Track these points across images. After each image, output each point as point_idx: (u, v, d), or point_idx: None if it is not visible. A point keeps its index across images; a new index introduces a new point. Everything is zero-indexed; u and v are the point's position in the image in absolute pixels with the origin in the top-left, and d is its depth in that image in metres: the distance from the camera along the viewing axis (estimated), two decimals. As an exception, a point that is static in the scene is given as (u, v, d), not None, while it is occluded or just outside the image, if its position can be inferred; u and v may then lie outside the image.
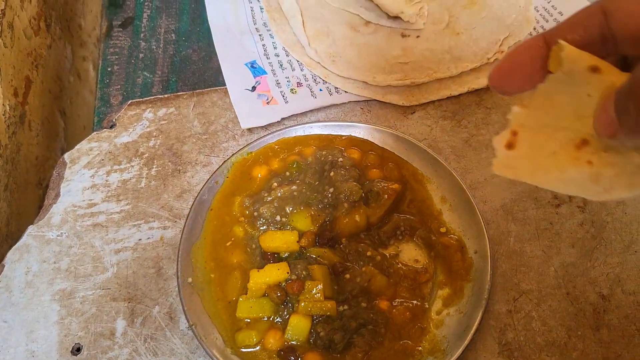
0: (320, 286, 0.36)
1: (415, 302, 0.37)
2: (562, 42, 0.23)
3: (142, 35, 0.52)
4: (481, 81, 0.46)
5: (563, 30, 0.24)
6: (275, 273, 0.37)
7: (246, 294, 0.37)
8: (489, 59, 0.47)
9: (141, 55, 0.51)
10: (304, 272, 0.37)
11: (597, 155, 0.23)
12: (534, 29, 0.50)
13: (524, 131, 0.25)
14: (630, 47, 0.24)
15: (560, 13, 0.50)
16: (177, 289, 0.37)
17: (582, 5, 0.24)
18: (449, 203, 0.40)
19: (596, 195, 0.24)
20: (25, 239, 0.41)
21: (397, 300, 0.37)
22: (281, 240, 0.38)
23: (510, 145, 0.24)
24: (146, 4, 0.54)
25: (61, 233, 0.41)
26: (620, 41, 0.24)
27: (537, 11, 0.51)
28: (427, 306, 0.37)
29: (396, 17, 0.49)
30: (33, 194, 0.49)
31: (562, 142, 0.24)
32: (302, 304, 0.36)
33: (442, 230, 0.39)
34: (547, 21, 0.50)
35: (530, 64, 0.25)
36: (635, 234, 0.39)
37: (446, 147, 0.44)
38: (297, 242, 0.38)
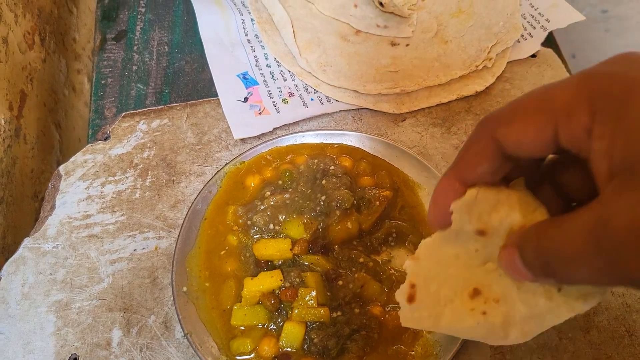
0: (313, 293, 0.36)
1: (407, 307, 0.37)
2: (453, 204, 0.24)
3: (135, 47, 0.52)
4: (470, 88, 0.47)
5: (469, 165, 0.25)
6: (269, 281, 0.37)
7: (240, 302, 0.37)
8: (477, 66, 0.47)
9: (135, 67, 0.51)
10: (297, 280, 0.37)
11: (489, 305, 0.25)
12: (522, 35, 0.50)
13: (420, 282, 0.26)
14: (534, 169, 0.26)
15: (547, 20, 0.51)
16: (172, 298, 0.37)
17: (567, 15, 0.24)
18: (439, 209, 0.41)
19: (495, 341, 0.26)
20: (21, 251, 0.41)
21: (389, 305, 0.37)
22: (274, 248, 0.39)
23: (411, 298, 0.26)
24: (139, 17, 0.54)
25: (57, 245, 0.41)
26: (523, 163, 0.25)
27: (525, 18, 0.52)
28: (419, 311, 0.37)
29: (385, 27, 0.50)
30: (29, 207, 0.50)
31: (457, 291, 0.26)
32: (296, 311, 0.36)
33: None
34: (534, 28, 0.51)
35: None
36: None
37: (436, 154, 0.44)
38: (290, 249, 0.38)
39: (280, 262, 0.39)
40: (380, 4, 0.51)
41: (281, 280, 0.37)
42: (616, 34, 1.21)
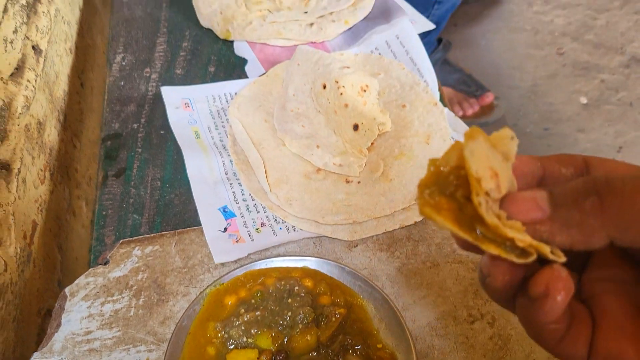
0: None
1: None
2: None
3: (132, 183, 0.62)
4: (410, 219, 0.57)
5: (554, 161, 0.27)
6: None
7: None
8: (415, 200, 0.58)
9: (131, 200, 0.61)
10: (265, 386, 0.45)
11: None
12: (453, 173, 0.62)
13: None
14: None
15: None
16: (160, 404, 0.44)
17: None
18: (384, 323, 0.49)
19: None
20: (31, 364, 0.48)
21: (343, 407, 0.45)
22: (244, 357, 0.46)
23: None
24: (136, 156, 0.65)
25: (62, 358, 0.48)
26: None
27: (455, 158, 0.63)
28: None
29: (341, 165, 0.61)
30: (34, 322, 0.57)
31: None
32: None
33: (379, 346, 0.48)
34: (463, 166, 0.63)
35: None
36: (533, 344, 0.49)
37: (382, 275, 0.54)
38: (257, 359, 0.46)
39: (251, 371, 0.46)
40: (355, 126, 0.62)
41: (252, 386, 0.45)
42: (557, 148, 1.37)
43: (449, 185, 0.25)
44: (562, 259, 0.24)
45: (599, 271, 0.27)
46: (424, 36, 1.39)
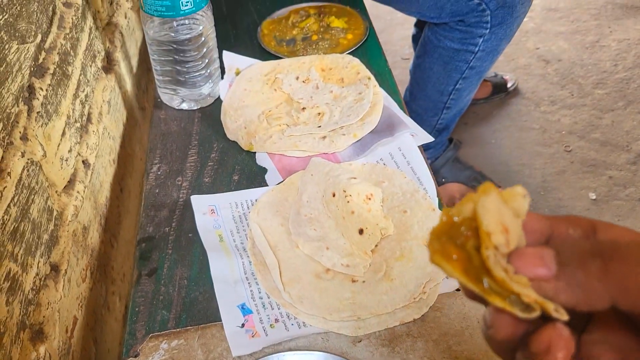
0: None
1: None
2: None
3: (162, 281, 0.70)
4: (410, 316, 0.63)
5: (562, 221, 0.27)
6: None
7: None
8: (415, 298, 0.64)
9: (161, 297, 0.68)
10: None
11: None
12: (449, 273, 0.68)
13: None
14: None
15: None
16: None
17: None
18: (384, 414, 0.54)
19: None
20: None
21: None
22: None
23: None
24: (167, 257, 0.73)
25: None
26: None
27: (452, 259, 0.70)
28: None
29: (348, 266, 0.68)
30: (69, 410, 0.63)
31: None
32: None
33: None
34: (459, 267, 0.69)
35: None
36: None
37: (383, 369, 0.59)
38: None
39: None
40: (360, 231, 0.69)
41: None
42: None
43: (460, 235, 0.25)
44: (565, 317, 0.25)
45: (599, 334, 0.27)
46: (436, 135, 1.49)
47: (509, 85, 1.93)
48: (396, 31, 2.32)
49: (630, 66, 1.99)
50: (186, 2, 0.82)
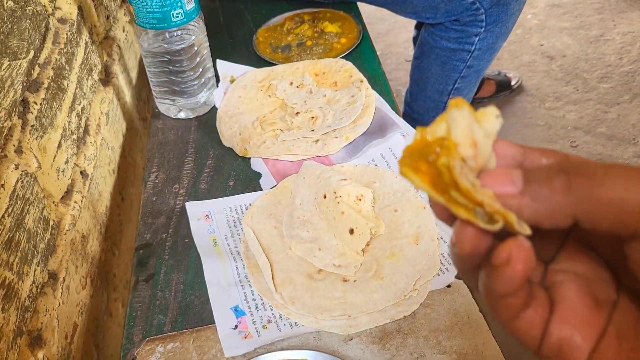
0: None
1: None
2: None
3: (159, 286, 0.71)
4: (400, 313, 0.64)
5: (536, 151, 0.27)
6: None
7: None
8: (405, 295, 0.65)
9: (157, 302, 0.70)
10: None
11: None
12: (440, 269, 0.68)
13: None
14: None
15: (460, 257, 0.70)
16: None
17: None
18: (372, 410, 0.55)
19: None
20: None
21: None
22: None
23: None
24: (163, 263, 0.74)
25: None
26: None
27: (443, 256, 0.70)
28: None
29: (339, 266, 0.69)
30: (70, 414, 0.65)
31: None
32: None
33: None
34: (450, 263, 0.69)
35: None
36: None
37: (373, 366, 0.60)
38: None
39: None
40: (351, 230, 0.70)
41: None
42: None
43: (432, 153, 0.25)
44: (528, 231, 0.25)
45: (565, 263, 0.28)
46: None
47: (513, 82, 1.93)
48: (400, 33, 2.33)
49: (636, 59, 1.97)
50: (177, 14, 0.84)
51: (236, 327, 0.64)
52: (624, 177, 0.23)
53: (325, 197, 0.74)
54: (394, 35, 2.32)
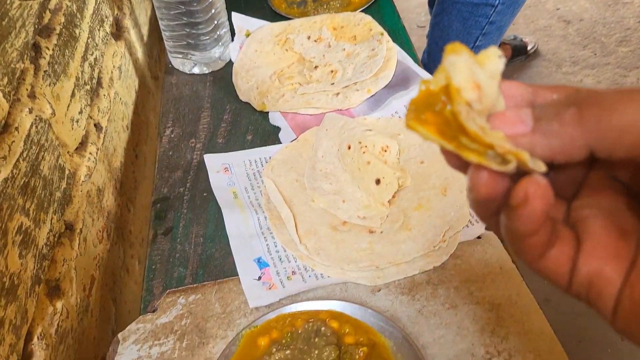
0: None
1: None
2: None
3: (178, 239, 0.69)
4: (429, 264, 0.61)
5: (545, 88, 0.27)
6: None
7: None
8: (434, 247, 0.62)
9: (177, 255, 0.68)
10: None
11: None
12: (470, 221, 0.66)
13: None
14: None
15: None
16: None
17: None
18: None
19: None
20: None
21: None
22: (277, 393, 0.51)
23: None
24: (182, 216, 0.72)
25: (114, 395, 0.54)
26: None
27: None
28: None
29: (364, 218, 0.67)
30: (90, 367, 0.63)
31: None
32: None
33: (400, 381, 0.52)
34: (477, 222, 0.67)
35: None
36: (548, 378, 0.51)
37: (403, 316, 0.58)
38: (289, 393, 0.51)
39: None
40: (377, 181, 0.67)
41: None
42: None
43: (438, 102, 0.25)
44: (543, 168, 0.24)
45: (588, 199, 0.28)
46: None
47: (529, 47, 1.88)
48: (412, -1, 2.28)
49: (656, 22, 1.92)
50: (192, -40, 0.81)
51: (260, 278, 0.62)
52: (636, 101, 0.22)
53: (349, 147, 0.71)
54: (406, 0, 2.27)
